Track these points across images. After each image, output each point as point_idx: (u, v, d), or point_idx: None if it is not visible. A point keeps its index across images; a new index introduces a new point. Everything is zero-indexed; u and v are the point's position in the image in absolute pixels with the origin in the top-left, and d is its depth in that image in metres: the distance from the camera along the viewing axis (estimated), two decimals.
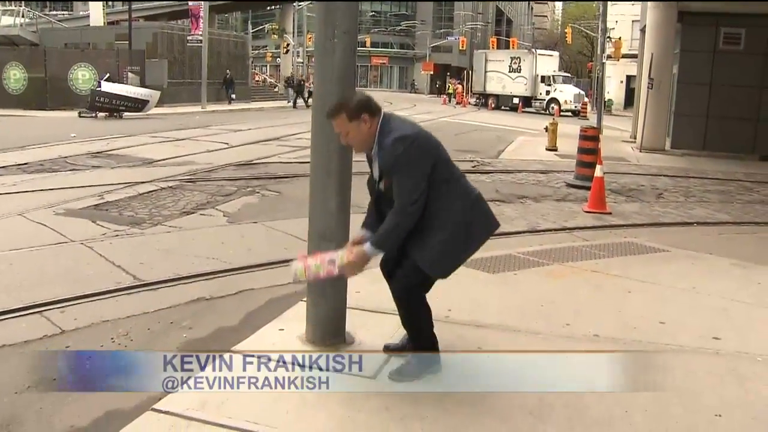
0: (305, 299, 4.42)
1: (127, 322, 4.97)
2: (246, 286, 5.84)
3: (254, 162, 13.71)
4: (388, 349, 4.09)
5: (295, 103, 37.92)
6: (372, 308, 4.79)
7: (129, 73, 30.74)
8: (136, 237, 7.48)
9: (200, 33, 35.61)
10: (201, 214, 8.74)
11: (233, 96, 38.30)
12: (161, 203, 9.29)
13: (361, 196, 4.13)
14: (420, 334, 3.86)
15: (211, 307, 5.37)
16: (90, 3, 45.42)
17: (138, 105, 26.27)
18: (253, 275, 6.16)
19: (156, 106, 27.74)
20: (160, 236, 7.57)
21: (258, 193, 10.31)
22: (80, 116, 25.83)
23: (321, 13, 3.85)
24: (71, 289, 5.50)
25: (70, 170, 12.16)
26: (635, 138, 22.16)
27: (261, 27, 66.74)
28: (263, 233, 7.85)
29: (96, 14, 44.48)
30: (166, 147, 16.12)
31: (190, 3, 38.12)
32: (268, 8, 69.71)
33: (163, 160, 13.65)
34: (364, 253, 3.56)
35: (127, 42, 34.04)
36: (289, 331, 4.44)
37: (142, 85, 30.12)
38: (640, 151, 19.68)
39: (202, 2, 36.14)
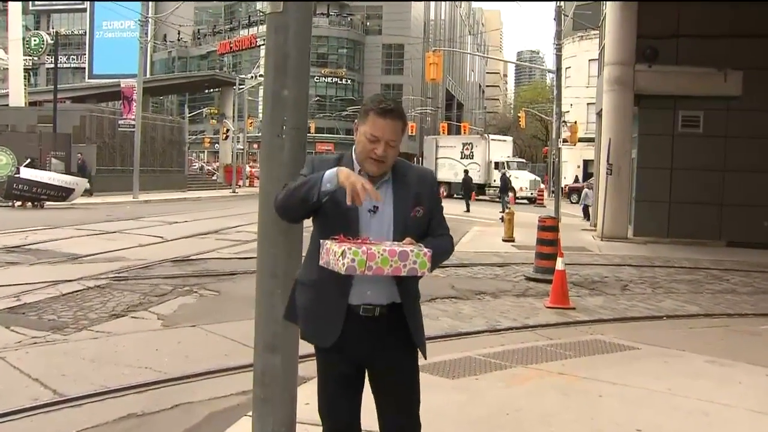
0: (250, 414, 4.29)
1: None
2: (183, 399, 5.65)
3: (191, 258, 13.55)
4: None
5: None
6: None
7: (53, 159, 30.39)
8: (57, 344, 7.22)
9: (133, 117, 35.43)
10: (132, 317, 8.51)
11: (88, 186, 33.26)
12: (87, 305, 9.04)
13: None
14: None
15: (143, 425, 5.16)
16: (9, 81, 44.48)
17: (62, 194, 25.95)
18: (191, 386, 5.97)
19: (82, 195, 27.42)
20: (86, 343, 7.31)
21: (196, 292, 10.14)
22: None
23: (268, 107, 3.86)
24: None
25: None
26: (595, 226, 22.62)
27: (199, 111, 67.38)
28: (202, 338, 7.67)
29: (16, 93, 43.01)
30: (93, 241, 15.83)
31: (122, 84, 38.21)
32: (207, 91, 70.41)
33: (91, 255, 13.36)
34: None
35: (52, 125, 33.79)
36: None
37: (68, 171, 29.79)
38: (602, 240, 20.08)
39: (136, 83, 36.21)
